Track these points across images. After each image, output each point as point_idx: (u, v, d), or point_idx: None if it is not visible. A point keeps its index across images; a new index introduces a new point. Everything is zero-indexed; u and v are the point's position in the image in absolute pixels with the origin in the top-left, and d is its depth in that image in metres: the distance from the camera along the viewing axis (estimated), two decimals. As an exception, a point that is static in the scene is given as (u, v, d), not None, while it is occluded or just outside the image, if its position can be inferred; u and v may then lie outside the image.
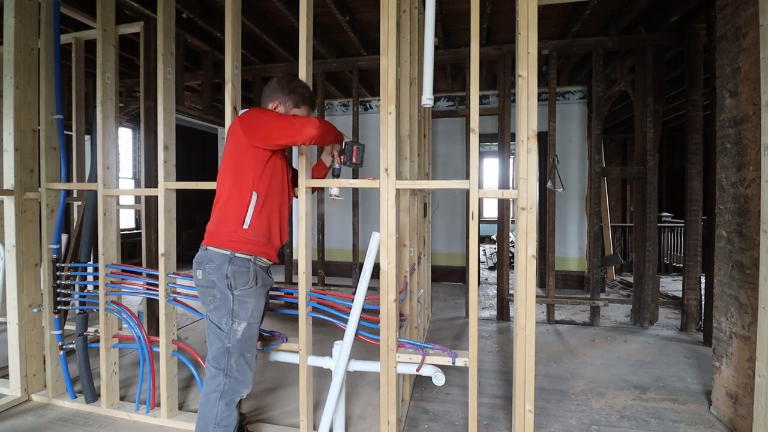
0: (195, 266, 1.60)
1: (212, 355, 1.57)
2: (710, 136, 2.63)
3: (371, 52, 4.01)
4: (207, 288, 1.56)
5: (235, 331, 1.54)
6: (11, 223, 2.22)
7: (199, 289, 1.60)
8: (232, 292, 1.53)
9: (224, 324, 1.53)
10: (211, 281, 1.54)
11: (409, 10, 2.15)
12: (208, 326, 1.59)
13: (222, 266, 1.52)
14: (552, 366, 2.80)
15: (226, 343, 1.54)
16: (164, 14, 1.97)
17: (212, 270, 1.53)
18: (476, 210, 1.64)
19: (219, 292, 1.53)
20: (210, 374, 1.57)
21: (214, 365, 1.56)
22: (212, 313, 1.56)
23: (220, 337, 1.54)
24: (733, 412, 2.04)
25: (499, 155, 3.86)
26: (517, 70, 1.64)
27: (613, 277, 5.35)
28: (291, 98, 1.67)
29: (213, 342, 1.56)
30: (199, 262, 1.58)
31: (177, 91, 2.14)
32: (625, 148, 7.91)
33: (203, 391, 1.58)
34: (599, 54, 3.54)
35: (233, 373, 1.56)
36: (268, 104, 1.68)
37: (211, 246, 1.58)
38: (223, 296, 1.53)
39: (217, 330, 1.55)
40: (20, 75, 2.20)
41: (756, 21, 1.81)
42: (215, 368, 1.56)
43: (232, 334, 1.54)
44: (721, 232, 2.17)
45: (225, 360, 1.54)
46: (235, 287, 1.53)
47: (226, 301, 1.53)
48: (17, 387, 2.25)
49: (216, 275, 1.53)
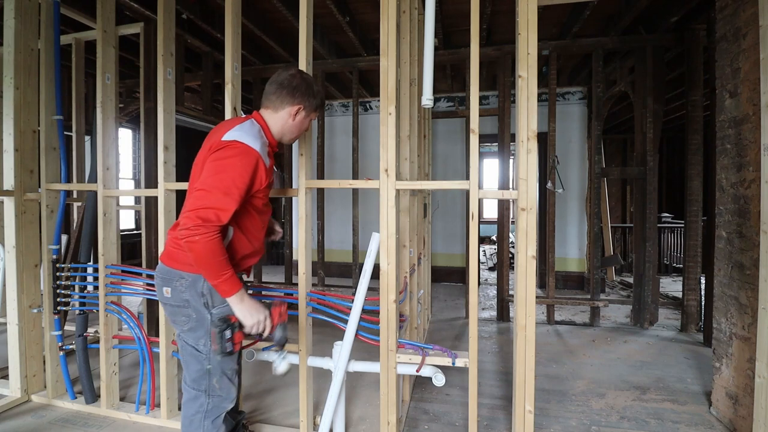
0: (160, 283, 1.39)
1: (191, 377, 1.42)
2: (710, 137, 2.63)
3: (371, 53, 4.01)
4: (179, 308, 1.37)
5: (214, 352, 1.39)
6: (11, 224, 2.22)
7: (168, 308, 1.41)
8: (209, 311, 1.36)
9: (202, 345, 1.38)
10: (183, 300, 1.36)
11: (409, 10, 2.15)
12: (181, 347, 1.43)
13: (196, 282, 1.34)
14: (552, 366, 2.80)
15: (206, 365, 1.40)
16: (164, 15, 1.98)
17: (184, 288, 1.35)
18: (476, 210, 1.64)
19: (194, 311, 1.36)
20: (189, 396, 1.43)
21: (193, 387, 1.42)
22: (187, 334, 1.39)
23: (198, 359, 1.40)
24: (733, 413, 2.04)
25: (499, 156, 3.86)
26: (517, 70, 1.64)
27: (613, 278, 5.35)
28: (313, 102, 1.48)
29: (190, 363, 1.41)
30: (165, 279, 1.38)
31: (177, 92, 2.14)
32: (625, 149, 7.91)
33: (185, 413, 1.45)
34: (599, 54, 3.54)
35: (216, 392, 1.43)
36: (286, 106, 1.44)
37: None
38: (200, 316, 1.36)
39: (194, 351, 1.39)
40: (20, 76, 2.20)
41: (756, 21, 1.81)
42: (195, 390, 1.42)
43: (212, 356, 1.39)
44: (721, 232, 2.17)
45: (206, 381, 1.41)
46: (213, 305, 1.36)
47: (203, 322, 1.36)
48: (17, 387, 2.25)
49: (189, 293, 1.35)
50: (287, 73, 1.46)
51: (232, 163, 1.27)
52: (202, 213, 1.21)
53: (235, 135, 1.31)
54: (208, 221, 1.21)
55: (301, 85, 1.44)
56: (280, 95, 1.44)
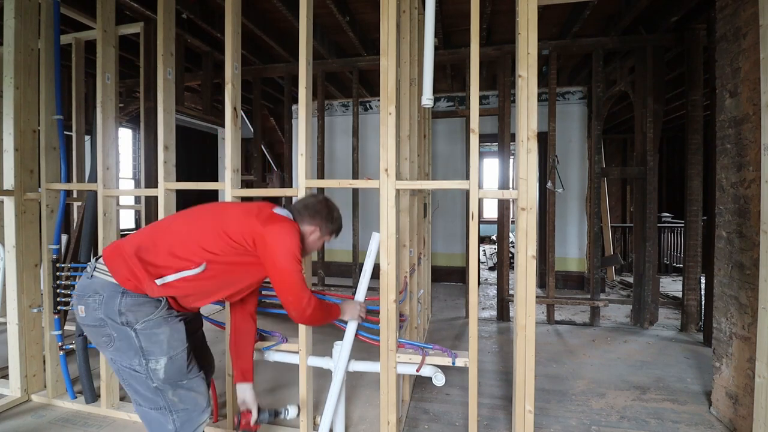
0: (75, 300, 1.26)
1: (142, 398, 1.27)
2: (710, 137, 2.63)
3: (371, 53, 4.01)
4: (94, 328, 1.24)
5: (155, 371, 1.24)
6: (11, 224, 2.22)
7: (87, 330, 1.27)
8: (132, 328, 1.22)
9: (137, 365, 1.24)
10: (98, 320, 1.22)
11: (409, 10, 2.15)
12: (117, 370, 1.27)
13: (113, 299, 1.22)
14: (552, 366, 2.80)
15: (151, 384, 1.25)
16: (164, 15, 1.98)
17: (97, 304, 1.22)
18: (476, 210, 1.64)
19: (115, 331, 1.22)
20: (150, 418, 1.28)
21: (150, 407, 1.27)
22: (115, 355, 1.25)
23: (139, 380, 1.25)
24: (733, 413, 2.04)
25: (499, 155, 3.86)
26: (517, 70, 1.64)
27: (613, 278, 5.35)
28: (330, 227, 1.56)
29: (132, 384, 1.26)
30: (79, 295, 1.25)
31: (177, 92, 2.14)
32: (625, 149, 7.91)
33: None
34: (599, 54, 3.54)
35: (179, 407, 1.29)
36: (305, 224, 1.50)
37: (98, 272, 1.26)
38: (123, 335, 1.22)
39: (132, 372, 1.24)
40: (20, 75, 2.20)
41: (756, 21, 1.81)
42: (154, 410, 1.27)
43: (153, 374, 1.24)
44: (721, 232, 2.17)
45: (161, 398, 1.27)
46: (137, 321, 1.23)
47: (128, 340, 1.22)
48: (17, 387, 2.25)
49: (104, 310, 1.21)
50: (316, 198, 1.58)
51: None
52: None
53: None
54: None
55: (326, 208, 1.55)
56: (304, 212, 1.53)
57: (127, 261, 1.26)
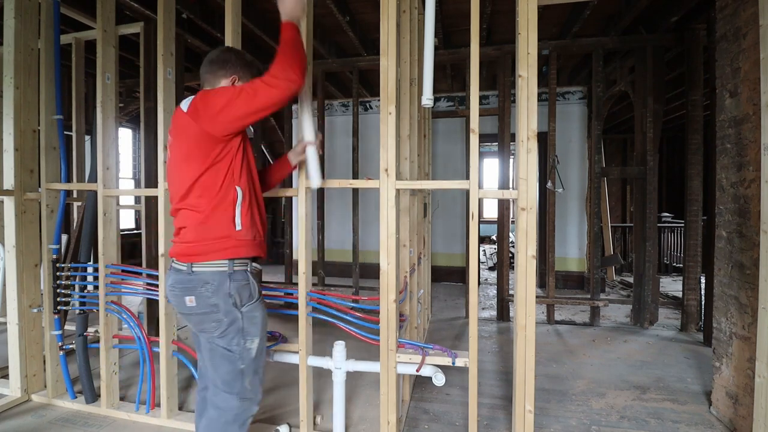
0: (180, 293, 1.33)
1: (222, 380, 1.36)
2: (710, 137, 2.63)
3: (371, 53, 4.01)
4: (206, 314, 1.33)
5: (249, 350, 1.37)
6: (11, 224, 2.22)
7: (195, 318, 1.35)
8: (239, 311, 1.35)
9: (235, 345, 1.35)
10: (211, 306, 1.32)
11: (409, 10, 2.15)
12: (209, 351, 1.37)
13: (222, 285, 1.32)
14: (552, 366, 2.80)
15: (240, 365, 1.36)
16: (164, 14, 1.98)
17: (210, 293, 1.31)
18: (476, 210, 1.64)
19: (224, 314, 1.33)
20: (220, 400, 1.37)
21: (226, 390, 1.36)
22: (218, 338, 1.35)
23: (230, 360, 1.35)
24: (733, 413, 2.04)
25: (499, 155, 3.86)
26: (517, 70, 1.64)
27: (613, 278, 5.35)
28: (250, 71, 1.43)
29: (220, 365, 1.36)
30: (186, 288, 1.32)
31: (177, 92, 2.14)
32: (625, 149, 7.91)
33: (210, 420, 1.38)
34: (599, 54, 3.54)
35: (248, 395, 1.39)
36: (221, 80, 1.39)
37: (199, 263, 1.33)
38: (231, 318, 1.34)
39: (225, 352, 1.35)
40: (20, 75, 2.20)
41: (756, 21, 1.81)
42: (228, 393, 1.36)
43: (245, 354, 1.37)
44: (721, 232, 2.17)
45: (239, 383, 1.37)
46: (242, 304, 1.36)
47: (234, 322, 1.34)
48: (17, 387, 2.25)
49: (217, 298, 1.32)
50: (217, 50, 1.45)
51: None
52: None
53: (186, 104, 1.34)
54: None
55: (236, 56, 1.42)
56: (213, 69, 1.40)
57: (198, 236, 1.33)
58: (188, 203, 1.34)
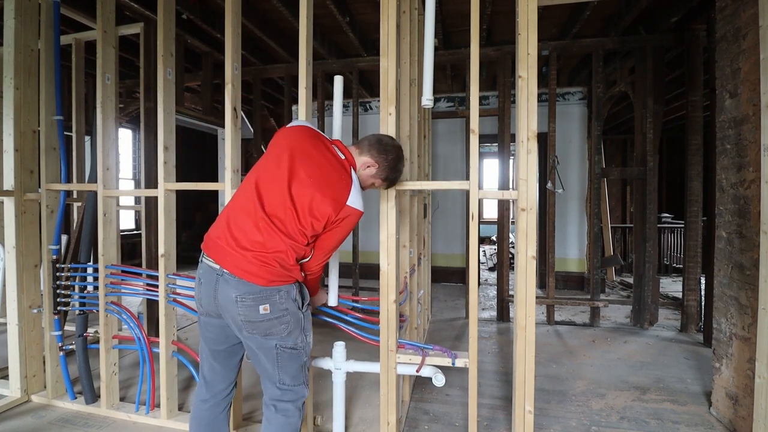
0: (254, 303, 1.39)
1: (290, 376, 1.48)
2: (710, 137, 2.63)
3: (371, 53, 4.01)
4: (278, 318, 1.43)
5: (309, 344, 1.53)
6: (11, 224, 2.22)
7: (265, 324, 1.42)
8: (302, 311, 1.49)
9: (300, 342, 1.48)
10: (282, 310, 1.43)
11: (409, 11, 2.15)
12: (276, 354, 1.45)
13: (291, 291, 1.46)
14: (552, 367, 2.80)
15: (303, 358, 1.50)
16: (164, 15, 1.98)
17: (283, 299, 1.43)
18: (476, 211, 1.64)
19: (292, 316, 1.46)
20: (290, 396, 1.49)
21: (294, 384, 1.49)
22: (285, 339, 1.45)
23: (296, 356, 1.48)
24: (733, 413, 2.04)
25: (499, 156, 3.86)
26: (517, 71, 1.64)
27: (613, 278, 5.35)
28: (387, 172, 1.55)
29: (286, 364, 1.47)
30: (260, 297, 1.40)
31: (177, 92, 2.14)
32: (625, 149, 7.91)
33: (282, 413, 1.48)
34: (599, 55, 3.54)
35: (307, 382, 1.54)
36: (365, 155, 1.52)
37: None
38: (296, 318, 1.47)
39: (292, 351, 1.47)
40: (20, 76, 2.20)
41: (756, 22, 1.81)
42: (297, 385, 1.50)
43: (307, 348, 1.51)
44: (721, 233, 2.17)
45: (303, 374, 1.51)
46: (304, 305, 1.51)
47: (298, 322, 1.48)
48: (17, 388, 2.25)
49: (287, 302, 1.44)
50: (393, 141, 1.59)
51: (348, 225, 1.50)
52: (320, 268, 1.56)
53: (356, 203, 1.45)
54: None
55: (396, 154, 1.55)
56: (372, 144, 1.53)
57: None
58: (278, 231, 1.43)
